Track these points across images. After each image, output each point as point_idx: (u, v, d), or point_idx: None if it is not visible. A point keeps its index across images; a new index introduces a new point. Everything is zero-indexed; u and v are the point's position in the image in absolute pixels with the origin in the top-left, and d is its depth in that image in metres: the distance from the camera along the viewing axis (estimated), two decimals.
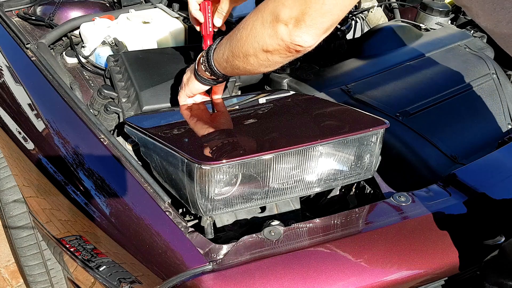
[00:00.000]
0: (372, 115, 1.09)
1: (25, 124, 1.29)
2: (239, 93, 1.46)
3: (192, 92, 1.17)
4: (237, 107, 1.21)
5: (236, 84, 1.42)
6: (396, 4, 2.13)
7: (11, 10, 1.80)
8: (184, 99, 1.20)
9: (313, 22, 0.86)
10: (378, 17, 2.07)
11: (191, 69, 1.15)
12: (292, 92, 1.26)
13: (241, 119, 1.14)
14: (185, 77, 1.18)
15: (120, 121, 1.30)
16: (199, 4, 1.21)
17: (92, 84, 1.47)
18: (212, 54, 1.07)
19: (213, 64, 1.07)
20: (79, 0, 1.85)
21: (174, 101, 1.26)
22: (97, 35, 1.56)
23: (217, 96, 1.22)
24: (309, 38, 0.88)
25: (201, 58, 1.11)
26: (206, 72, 1.10)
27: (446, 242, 1.00)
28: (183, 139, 1.04)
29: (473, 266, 1.03)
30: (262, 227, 0.99)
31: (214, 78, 1.11)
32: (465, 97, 1.43)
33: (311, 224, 1.00)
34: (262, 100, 1.22)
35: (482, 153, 1.23)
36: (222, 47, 1.04)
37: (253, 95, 1.24)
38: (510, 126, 1.42)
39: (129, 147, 1.19)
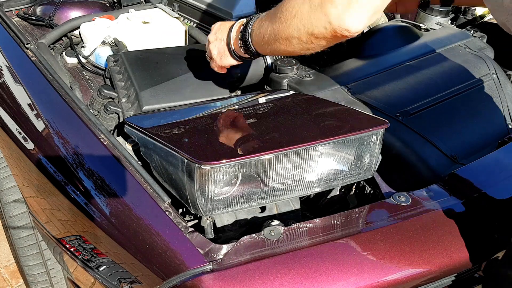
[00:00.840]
0: (372, 115, 1.09)
1: (25, 124, 1.29)
2: (239, 93, 1.46)
3: (224, 65, 1.20)
4: (237, 107, 1.21)
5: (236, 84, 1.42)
6: None
7: (11, 10, 1.80)
8: (219, 70, 1.25)
9: (365, 3, 0.86)
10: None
11: (222, 43, 1.17)
12: (292, 92, 1.26)
13: (241, 119, 1.14)
14: (214, 49, 1.20)
15: (120, 121, 1.30)
16: None
17: (92, 84, 1.47)
18: (249, 34, 1.08)
19: (251, 45, 1.09)
20: (79, 0, 1.85)
21: (174, 101, 1.26)
22: (97, 35, 1.56)
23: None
24: (358, 22, 0.87)
25: (237, 35, 1.12)
26: (241, 49, 1.12)
27: (446, 242, 1.00)
28: (183, 139, 1.04)
29: (473, 266, 1.03)
30: (262, 227, 0.99)
31: (248, 56, 1.14)
32: (465, 97, 1.43)
33: (311, 224, 1.00)
34: (262, 100, 1.22)
35: (482, 153, 1.23)
36: (263, 28, 1.04)
37: (253, 95, 1.24)
38: (510, 126, 1.42)
39: (129, 147, 1.19)
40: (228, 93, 1.35)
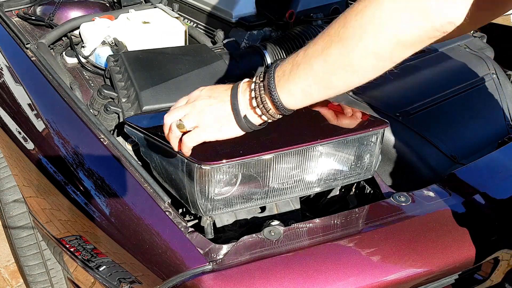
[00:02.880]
0: (372, 115, 1.09)
1: (25, 124, 1.29)
2: None
3: (216, 138, 0.88)
4: None
5: None
6: None
7: (11, 10, 1.80)
8: (185, 148, 0.89)
9: None
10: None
11: (225, 105, 0.84)
12: None
13: None
14: (206, 118, 0.85)
15: (120, 121, 1.30)
16: None
17: (92, 84, 1.47)
18: (275, 88, 0.79)
19: (279, 99, 0.79)
20: (79, 0, 1.85)
21: (174, 101, 1.26)
22: (97, 35, 1.56)
23: None
24: (462, 10, 0.69)
25: (249, 94, 0.82)
26: (263, 116, 0.83)
27: (446, 242, 1.00)
28: None
29: (474, 266, 1.03)
30: (262, 227, 0.99)
31: (266, 119, 0.84)
32: (465, 97, 1.43)
33: (311, 224, 1.00)
34: None
35: (482, 153, 1.23)
36: (300, 69, 0.77)
37: None
38: (510, 126, 1.42)
39: (129, 147, 1.19)
40: None
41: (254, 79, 0.83)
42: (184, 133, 0.88)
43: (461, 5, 0.68)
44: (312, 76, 0.76)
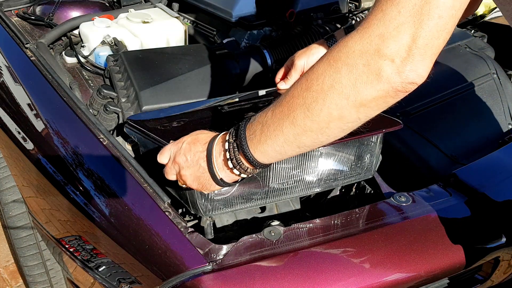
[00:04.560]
0: (385, 115, 1.08)
1: (24, 124, 1.29)
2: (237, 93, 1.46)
3: (208, 191, 0.91)
4: (237, 107, 1.21)
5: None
6: None
7: (11, 10, 1.80)
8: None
9: (428, 46, 0.67)
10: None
11: (201, 170, 0.86)
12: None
13: (241, 119, 1.14)
14: (189, 178, 0.87)
15: (120, 121, 1.30)
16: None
17: (92, 84, 1.47)
18: (248, 149, 0.79)
19: (254, 158, 0.80)
20: None
21: (174, 101, 1.26)
22: (97, 34, 1.55)
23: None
24: (423, 69, 0.68)
25: (224, 156, 0.83)
26: (235, 170, 0.83)
27: (447, 242, 1.00)
28: None
29: (474, 267, 1.03)
30: (262, 227, 0.99)
31: (246, 176, 0.85)
32: (465, 97, 1.43)
33: (311, 224, 1.00)
34: (261, 101, 1.21)
35: (482, 153, 1.23)
36: (270, 131, 0.77)
37: (253, 95, 1.24)
38: (510, 126, 1.41)
39: (128, 147, 1.19)
40: (228, 93, 1.34)
41: (227, 137, 0.83)
42: None
43: (424, 65, 0.68)
44: (283, 137, 0.77)
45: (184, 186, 0.91)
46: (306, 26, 1.68)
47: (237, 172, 0.83)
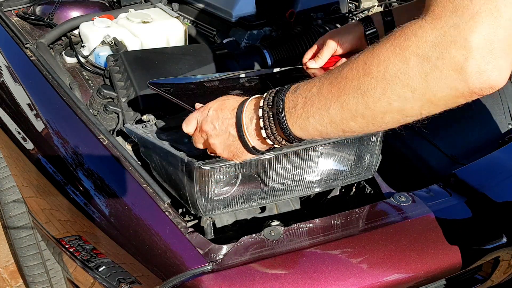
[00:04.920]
0: None
1: (24, 124, 1.29)
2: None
3: (240, 160, 0.86)
4: (256, 79, 1.20)
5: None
6: (396, 3, 2.13)
7: (11, 10, 1.80)
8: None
9: (510, 37, 0.59)
10: None
11: (231, 139, 0.81)
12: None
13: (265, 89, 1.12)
14: (220, 147, 0.83)
15: (120, 121, 1.30)
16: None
17: (92, 84, 1.46)
18: (285, 119, 0.74)
19: (291, 132, 0.75)
20: None
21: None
22: (97, 34, 1.55)
23: None
24: (505, 73, 0.61)
25: (257, 124, 0.77)
26: (268, 140, 0.77)
27: (446, 243, 1.00)
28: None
29: (474, 267, 1.03)
30: (262, 227, 0.99)
31: (277, 145, 0.79)
32: None
33: (311, 224, 1.00)
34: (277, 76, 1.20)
35: (482, 153, 1.23)
36: (314, 109, 0.71)
37: (268, 71, 1.23)
38: (510, 126, 1.41)
39: (128, 147, 1.19)
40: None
41: (261, 104, 0.77)
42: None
43: (507, 62, 0.60)
44: (328, 119, 0.71)
45: (213, 154, 0.86)
46: (306, 26, 1.68)
47: (271, 143, 0.78)
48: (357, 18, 1.89)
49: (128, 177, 1.06)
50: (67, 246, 1.25)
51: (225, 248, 0.93)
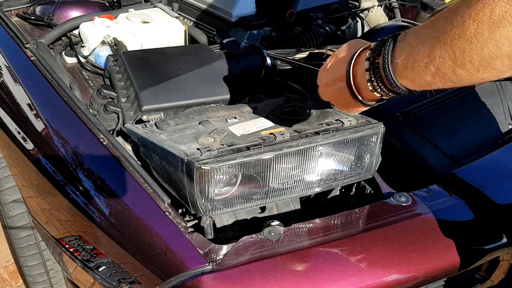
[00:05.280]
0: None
1: (24, 124, 1.29)
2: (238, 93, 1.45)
3: (355, 112, 0.88)
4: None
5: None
6: (396, 3, 2.13)
7: (11, 10, 1.80)
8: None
9: None
10: (378, 17, 2.07)
11: (341, 90, 0.82)
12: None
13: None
14: (332, 96, 0.86)
15: (120, 121, 1.30)
16: None
17: (92, 84, 1.47)
18: (390, 70, 0.72)
19: (398, 84, 0.73)
20: None
21: (174, 101, 1.26)
22: (97, 34, 1.55)
23: None
24: None
25: (363, 74, 0.77)
26: (375, 93, 0.77)
27: (447, 242, 1.00)
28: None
29: (474, 267, 1.03)
30: (262, 227, 0.99)
31: (386, 97, 0.78)
32: (465, 97, 1.43)
33: (311, 224, 1.00)
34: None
35: (482, 153, 1.23)
36: (420, 57, 0.68)
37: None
38: (510, 126, 1.41)
39: (128, 147, 1.19)
40: (228, 93, 1.34)
41: (368, 55, 0.76)
42: None
43: None
44: (435, 68, 0.68)
45: (333, 107, 0.89)
46: (306, 26, 1.68)
47: (378, 95, 0.77)
48: (357, 18, 1.90)
49: (128, 177, 1.06)
50: (67, 246, 1.25)
51: (225, 248, 0.93)
